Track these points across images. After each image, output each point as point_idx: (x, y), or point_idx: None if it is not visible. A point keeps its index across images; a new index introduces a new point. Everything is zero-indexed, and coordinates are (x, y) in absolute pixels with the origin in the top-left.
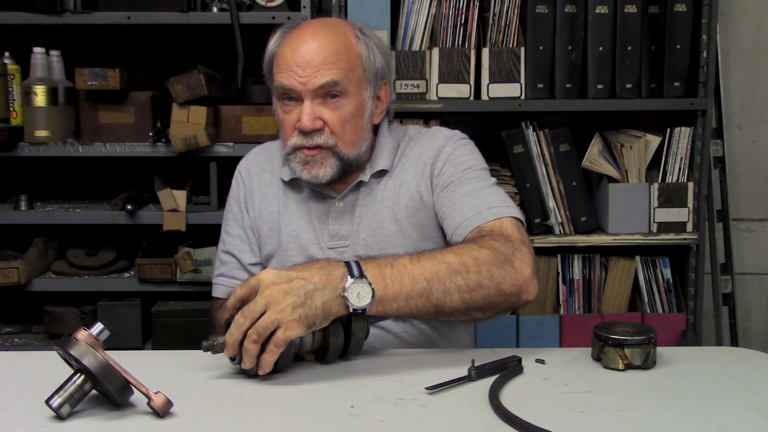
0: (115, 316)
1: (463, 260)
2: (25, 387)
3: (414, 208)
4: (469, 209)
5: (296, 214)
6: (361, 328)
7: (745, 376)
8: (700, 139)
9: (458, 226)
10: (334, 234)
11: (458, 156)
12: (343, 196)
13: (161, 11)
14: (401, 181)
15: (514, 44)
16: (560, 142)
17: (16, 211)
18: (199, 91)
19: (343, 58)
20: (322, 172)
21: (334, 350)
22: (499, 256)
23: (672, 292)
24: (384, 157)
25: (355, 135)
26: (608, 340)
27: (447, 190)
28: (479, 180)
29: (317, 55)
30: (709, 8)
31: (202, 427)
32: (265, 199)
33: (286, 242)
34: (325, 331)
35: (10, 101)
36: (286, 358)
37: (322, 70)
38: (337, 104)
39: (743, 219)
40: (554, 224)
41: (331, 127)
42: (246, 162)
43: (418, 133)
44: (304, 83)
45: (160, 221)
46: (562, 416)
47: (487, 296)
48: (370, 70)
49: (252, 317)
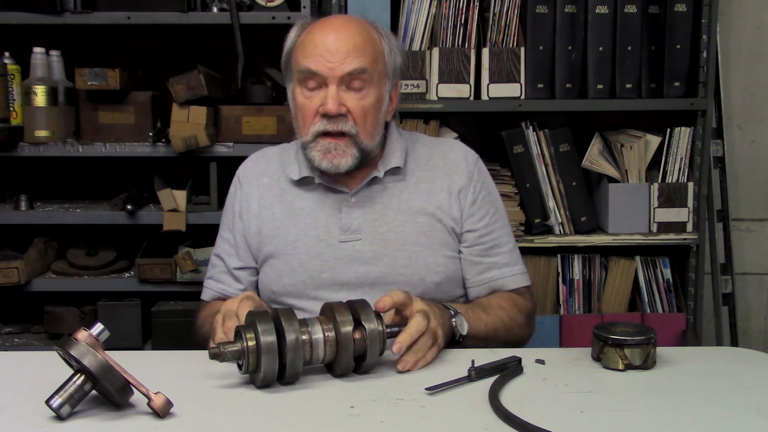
0: (115, 316)
1: (509, 320)
2: (25, 387)
3: (440, 217)
4: (508, 269)
5: (302, 212)
6: (377, 345)
7: (745, 376)
8: (700, 139)
9: (493, 279)
10: (346, 228)
11: (487, 191)
12: (356, 191)
13: (161, 11)
14: (430, 189)
15: (514, 44)
16: (560, 142)
17: (16, 211)
18: (199, 91)
19: (369, 48)
20: (344, 162)
21: (344, 365)
22: (530, 322)
23: (672, 292)
24: (397, 155)
25: (374, 127)
26: (608, 340)
27: (481, 237)
28: (504, 227)
29: (346, 42)
30: (709, 8)
31: (202, 427)
32: (264, 201)
33: (293, 241)
34: (337, 345)
35: (10, 101)
36: (296, 371)
37: (351, 57)
38: (360, 93)
39: (743, 219)
40: (554, 224)
41: (354, 116)
42: (244, 167)
43: (429, 141)
44: (332, 68)
45: (160, 221)
46: (562, 416)
47: (512, 342)
48: (390, 66)
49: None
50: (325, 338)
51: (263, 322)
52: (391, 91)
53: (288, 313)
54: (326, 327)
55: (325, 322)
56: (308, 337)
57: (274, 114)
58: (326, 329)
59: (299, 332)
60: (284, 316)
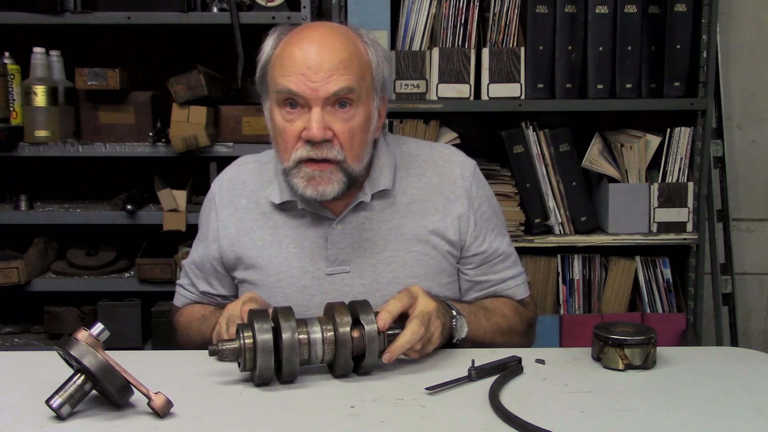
0: (115, 316)
1: (507, 329)
2: (25, 387)
3: (435, 242)
4: (512, 282)
5: (286, 239)
6: (375, 345)
7: (745, 376)
8: (700, 139)
9: (497, 292)
10: (333, 259)
11: (487, 204)
12: (342, 218)
13: (161, 11)
14: (423, 210)
15: (514, 44)
16: (560, 142)
17: (16, 211)
18: (199, 91)
19: (356, 63)
20: (329, 189)
21: (342, 365)
22: (530, 331)
23: (672, 292)
24: (384, 175)
25: (362, 149)
26: (608, 340)
27: (484, 256)
28: (504, 236)
29: (331, 59)
30: (709, 8)
31: (202, 427)
32: (243, 226)
33: (276, 272)
34: (335, 344)
35: (10, 101)
36: (293, 370)
37: (336, 76)
38: (347, 114)
39: (743, 219)
40: (554, 224)
41: (340, 140)
42: (219, 186)
43: (420, 150)
44: (315, 89)
45: (160, 221)
46: (562, 416)
47: (514, 344)
48: (378, 79)
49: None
50: (324, 338)
51: (261, 320)
52: (379, 107)
53: (286, 312)
54: (326, 327)
55: (325, 322)
56: (306, 336)
57: None
58: (325, 329)
59: (296, 331)
60: (282, 315)
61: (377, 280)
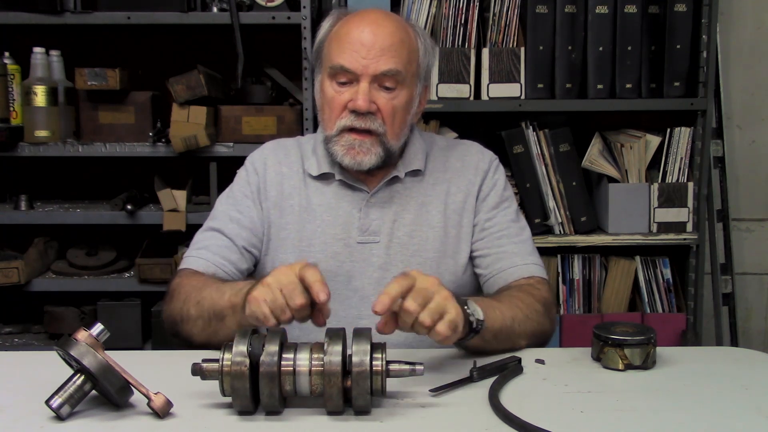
0: (115, 316)
1: (525, 307)
2: (25, 387)
3: (455, 221)
4: (518, 258)
5: (320, 208)
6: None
7: (745, 376)
8: (700, 139)
9: (508, 268)
10: (364, 229)
11: (501, 187)
12: (376, 191)
13: (161, 11)
14: (446, 190)
15: (514, 44)
16: (560, 142)
17: (16, 211)
18: (199, 91)
19: (405, 48)
20: (367, 159)
21: (331, 406)
22: (549, 312)
23: (672, 292)
24: (418, 157)
25: (401, 128)
26: (608, 340)
27: (490, 228)
28: (516, 222)
29: (384, 40)
30: (709, 8)
31: (202, 427)
32: (283, 191)
33: (308, 237)
34: (322, 376)
35: (10, 101)
36: (272, 402)
37: (386, 57)
38: (392, 94)
39: (743, 219)
40: (554, 224)
41: (383, 114)
42: (261, 154)
43: (448, 143)
44: (365, 66)
45: (160, 221)
46: (562, 416)
47: (536, 334)
48: (423, 67)
49: (425, 301)
50: (311, 369)
51: (241, 343)
52: (420, 93)
53: (273, 338)
54: (315, 356)
55: (317, 350)
56: (292, 366)
57: (274, 114)
58: (314, 359)
59: (275, 361)
60: (269, 341)
61: (401, 252)
